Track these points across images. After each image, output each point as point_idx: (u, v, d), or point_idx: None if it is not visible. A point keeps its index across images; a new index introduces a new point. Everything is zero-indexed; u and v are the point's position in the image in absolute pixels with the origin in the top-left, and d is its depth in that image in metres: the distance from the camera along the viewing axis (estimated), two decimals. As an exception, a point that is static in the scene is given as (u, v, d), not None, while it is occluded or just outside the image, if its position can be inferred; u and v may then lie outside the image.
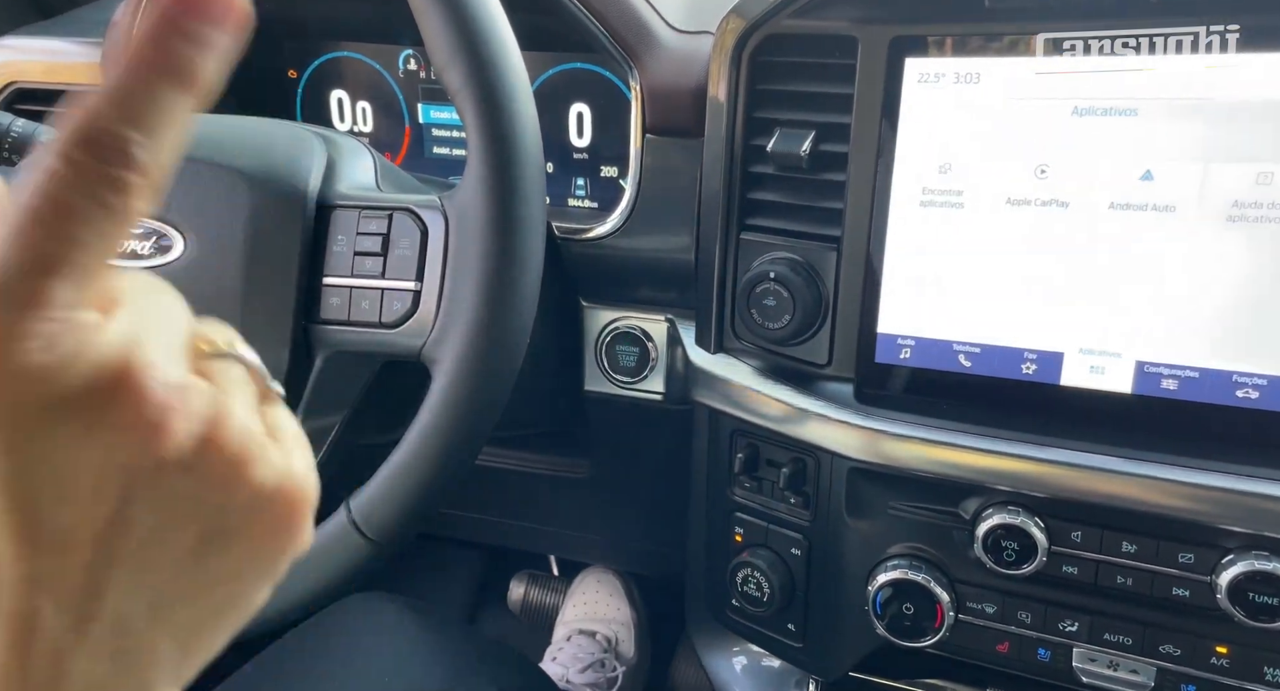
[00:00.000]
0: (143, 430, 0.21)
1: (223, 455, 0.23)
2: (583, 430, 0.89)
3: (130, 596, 0.22)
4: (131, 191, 0.21)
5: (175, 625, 0.23)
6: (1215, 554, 0.57)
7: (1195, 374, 0.57)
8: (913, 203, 0.62)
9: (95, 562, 0.21)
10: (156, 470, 0.21)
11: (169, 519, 0.22)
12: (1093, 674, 0.63)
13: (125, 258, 0.58)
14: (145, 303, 0.23)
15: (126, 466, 0.21)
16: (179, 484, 0.22)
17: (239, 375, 0.25)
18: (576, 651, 1.19)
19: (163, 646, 0.23)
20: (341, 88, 0.95)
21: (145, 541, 0.22)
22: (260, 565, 0.25)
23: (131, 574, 0.21)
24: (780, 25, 0.64)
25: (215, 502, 0.23)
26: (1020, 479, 0.61)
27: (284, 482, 0.24)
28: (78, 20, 1.03)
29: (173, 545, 0.22)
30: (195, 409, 0.22)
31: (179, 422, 0.21)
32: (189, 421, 0.22)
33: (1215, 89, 0.54)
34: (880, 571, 0.66)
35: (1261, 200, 0.54)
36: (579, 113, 0.86)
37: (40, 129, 0.74)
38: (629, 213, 0.76)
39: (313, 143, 0.61)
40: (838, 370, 0.67)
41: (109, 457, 0.21)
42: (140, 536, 0.22)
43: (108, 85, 0.21)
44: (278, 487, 0.24)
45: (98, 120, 0.21)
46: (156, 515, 0.22)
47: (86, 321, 0.20)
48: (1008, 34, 0.58)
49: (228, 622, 0.25)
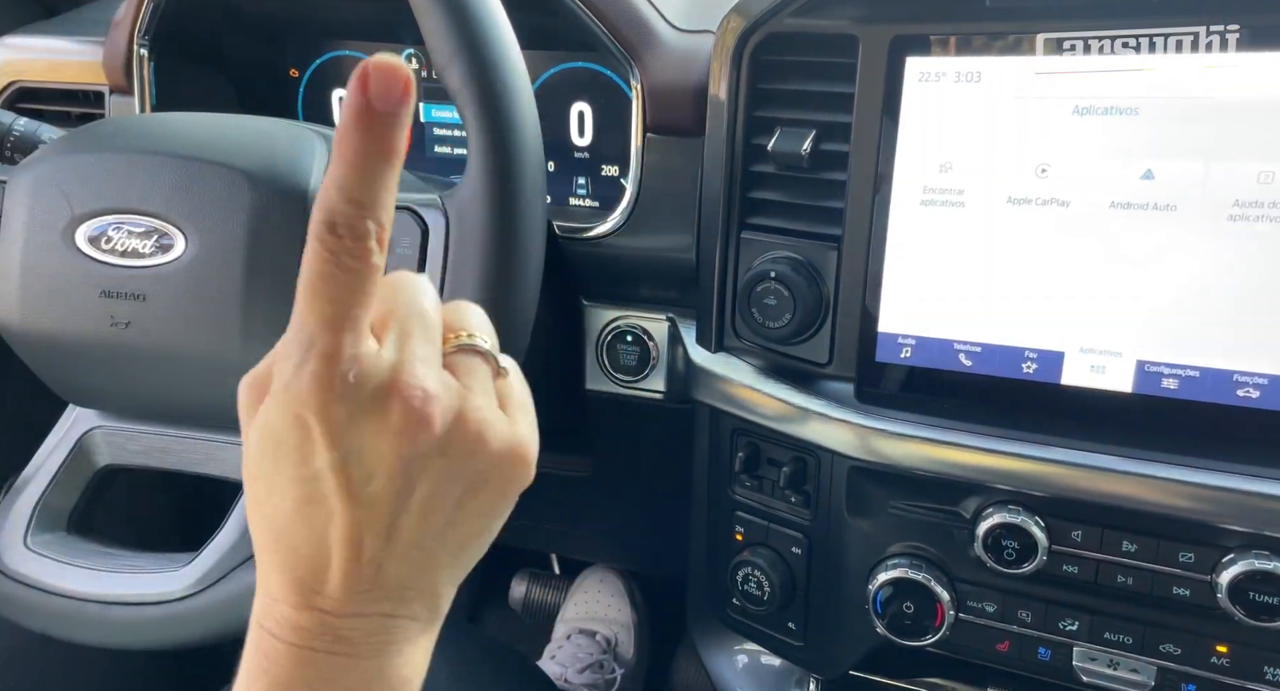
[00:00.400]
0: (410, 428, 0.31)
1: (467, 435, 0.33)
2: (584, 428, 0.89)
3: (418, 530, 0.33)
4: (370, 253, 0.30)
5: (449, 543, 0.35)
6: (1215, 553, 0.57)
7: (1196, 373, 0.57)
8: (913, 202, 0.62)
9: (393, 512, 0.32)
10: (423, 454, 0.32)
11: (436, 484, 0.33)
12: (1093, 673, 0.63)
13: (127, 255, 0.59)
14: (407, 315, 0.33)
15: (403, 454, 0.31)
16: (439, 461, 0.32)
17: (477, 363, 0.35)
18: (576, 651, 1.19)
19: (442, 557, 0.35)
20: (343, 86, 0.95)
21: (423, 498, 0.33)
22: (501, 503, 0.36)
23: (416, 518, 0.33)
24: (781, 24, 0.64)
25: (466, 468, 0.33)
26: (1021, 478, 0.61)
27: (512, 445, 0.34)
28: (80, 19, 1.04)
29: (441, 498, 0.33)
30: (446, 405, 0.32)
31: (434, 418, 0.31)
32: (441, 415, 0.32)
33: (1216, 88, 0.54)
34: (881, 570, 0.66)
35: (1262, 199, 0.54)
36: (580, 112, 0.86)
37: (43, 128, 0.74)
38: (630, 212, 0.76)
39: (313, 141, 0.61)
40: (838, 369, 0.67)
41: (392, 448, 0.31)
42: (419, 497, 0.33)
43: (333, 174, 0.29)
44: (509, 449, 0.34)
45: (333, 209, 0.29)
46: (427, 484, 0.33)
47: (368, 353, 0.30)
48: (1008, 33, 0.58)
49: (483, 541, 0.37)
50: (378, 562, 0.33)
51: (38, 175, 0.61)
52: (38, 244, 0.60)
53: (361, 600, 0.33)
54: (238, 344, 0.58)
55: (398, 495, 0.32)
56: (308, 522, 0.32)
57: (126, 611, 0.60)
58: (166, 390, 0.62)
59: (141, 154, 0.59)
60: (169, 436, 0.66)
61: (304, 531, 0.32)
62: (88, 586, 0.61)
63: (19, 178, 0.61)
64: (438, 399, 0.32)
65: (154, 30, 0.84)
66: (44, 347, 0.62)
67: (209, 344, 0.58)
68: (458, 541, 0.35)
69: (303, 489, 0.31)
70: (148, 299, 0.58)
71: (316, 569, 0.32)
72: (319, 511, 0.32)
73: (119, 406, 0.67)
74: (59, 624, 0.61)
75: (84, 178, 0.59)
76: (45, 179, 0.60)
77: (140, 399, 0.64)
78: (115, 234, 0.59)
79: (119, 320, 0.59)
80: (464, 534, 0.35)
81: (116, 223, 0.59)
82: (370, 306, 0.31)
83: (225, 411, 0.62)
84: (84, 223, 0.59)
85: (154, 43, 0.85)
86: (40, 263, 0.60)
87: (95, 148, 0.61)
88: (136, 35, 0.84)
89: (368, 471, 0.31)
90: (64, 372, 0.64)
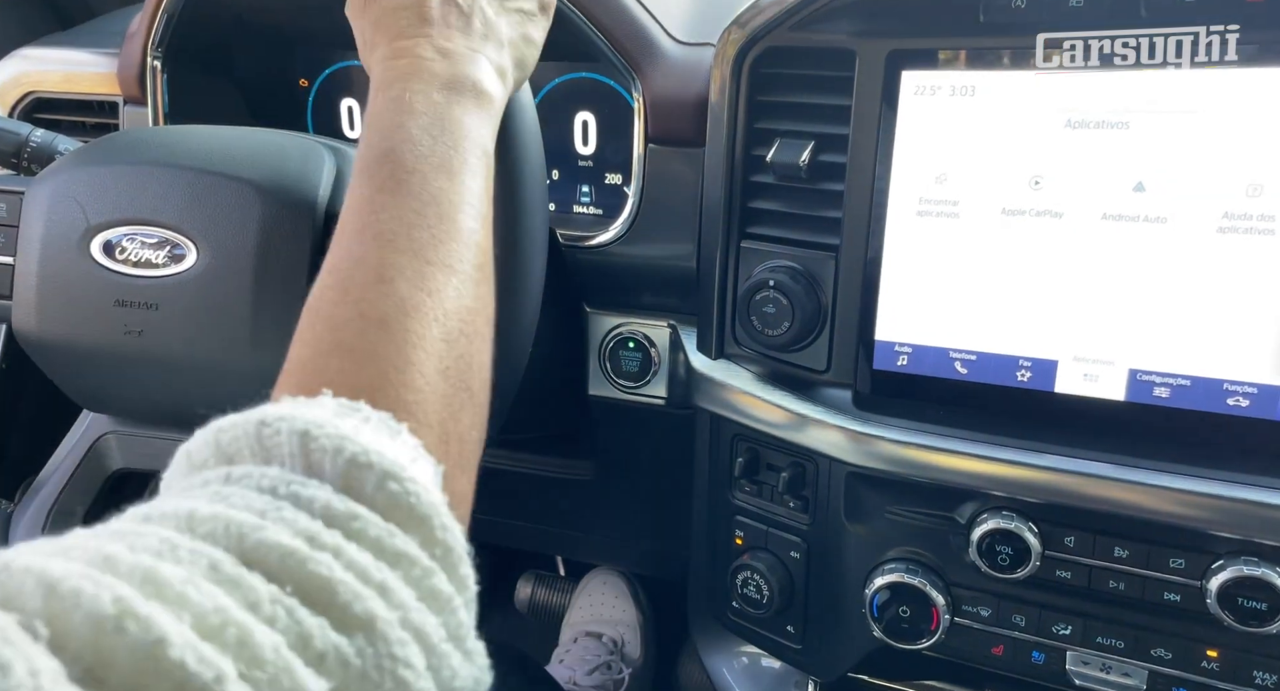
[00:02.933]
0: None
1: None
2: (586, 433, 0.90)
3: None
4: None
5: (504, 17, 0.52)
6: (1205, 559, 0.58)
7: (1187, 382, 0.58)
8: (910, 212, 0.63)
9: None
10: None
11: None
12: (1086, 676, 0.64)
13: (140, 265, 0.60)
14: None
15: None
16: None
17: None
18: (583, 653, 1.20)
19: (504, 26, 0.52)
20: (352, 96, 0.97)
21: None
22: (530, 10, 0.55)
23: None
24: (780, 38, 0.66)
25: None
26: (1015, 484, 0.62)
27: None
28: (94, 31, 1.05)
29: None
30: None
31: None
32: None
33: (1205, 102, 0.55)
34: (877, 574, 0.67)
35: (1251, 211, 0.55)
36: (584, 121, 0.87)
37: (59, 138, 0.76)
38: (632, 220, 0.78)
39: (322, 154, 0.62)
40: (836, 376, 0.68)
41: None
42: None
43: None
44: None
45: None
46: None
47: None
48: (1003, 47, 0.59)
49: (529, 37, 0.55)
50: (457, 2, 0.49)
51: (55, 186, 0.62)
52: (54, 253, 0.62)
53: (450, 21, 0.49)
54: (247, 352, 0.59)
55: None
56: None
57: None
58: (178, 396, 0.63)
59: (155, 166, 0.61)
60: (180, 442, 0.67)
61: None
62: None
63: (37, 189, 0.63)
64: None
65: (167, 42, 0.86)
66: (60, 354, 0.64)
67: (219, 352, 0.60)
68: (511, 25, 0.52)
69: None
70: (160, 308, 0.60)
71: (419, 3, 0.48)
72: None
73: (132, 412, 0.68)
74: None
75: (99, 189, 0.61)
76: (62, 190, 0.62)
77: (152, 405, 0.66)
78: (129, 244, 0.60)
79: (132, 328, 0.60)
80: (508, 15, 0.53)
81: (130, 233, 0.60)
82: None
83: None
84: (99, 233, 0.61)
85: (167, 54, 0.87)
86: (57, 272, 0.62)
87: (110, 160, 0.62)
88: (150, 47, 0.86)
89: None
90: (79, 379, 0.65)
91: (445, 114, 0.45)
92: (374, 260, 0.39)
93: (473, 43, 0.49)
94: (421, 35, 0.48)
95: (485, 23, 0.51)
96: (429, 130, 0.43)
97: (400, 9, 0.49)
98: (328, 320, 0.37)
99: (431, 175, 0.42)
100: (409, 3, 0.49)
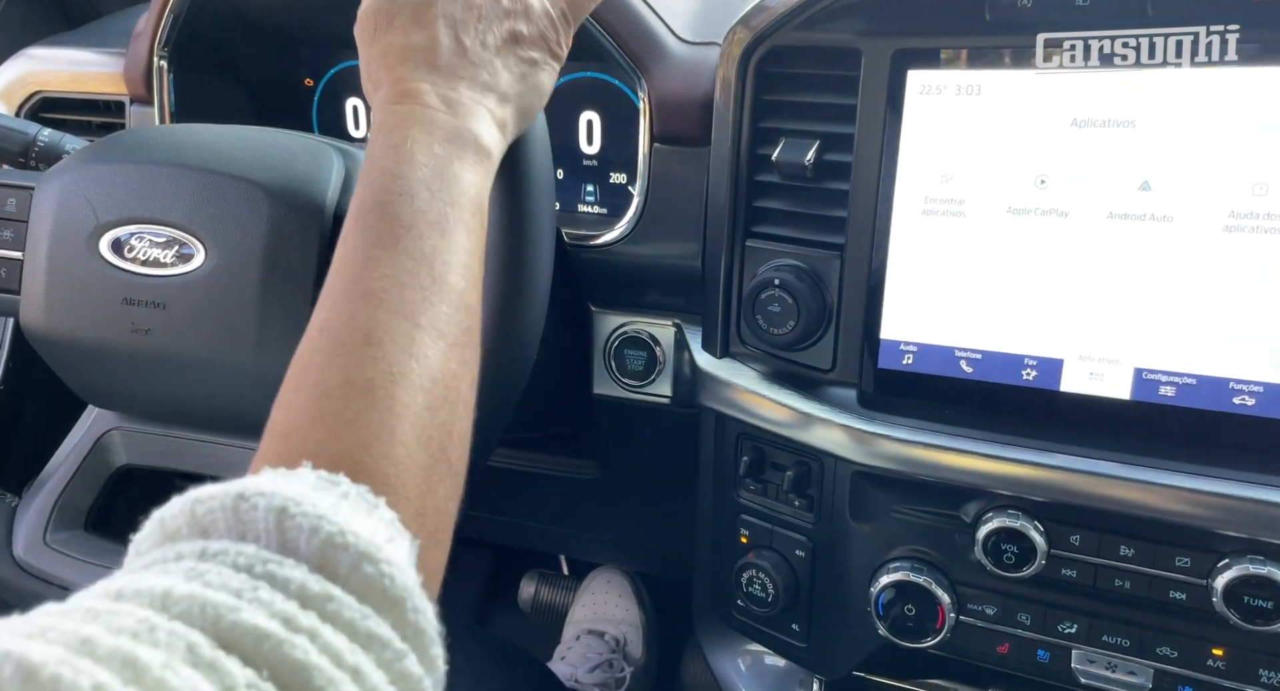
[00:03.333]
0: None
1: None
2: (591, 432, 0.90)
3: (487, 42, 0.50)
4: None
5: (510, 68, 0.51)
6: (1211, 558, 0.58)
7: (1193, 380, 0.58)
8: (915, 211, 0.63)
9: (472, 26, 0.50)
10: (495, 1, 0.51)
11: (497, 17, 0.51)
12: (1091, 675, 0.64)
13: (148, 264, 0.60)
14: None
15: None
16: (504, 4, 0.51)
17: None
18: (585, 651, 1.20)
19: (507, 78, 0.51)
20: (357, 96, 0.97)
21: (489, 24, 0.50)
22: (540, 60, 0.53)
23: (482, 30, 0.50)
24: (786, 37, 0.66)
25: (516, 15, 0.52)
26: (1020, 483, 0.62)
27: (551, 20, 0.53)
28: (101, 31, 1.06)
29: (498, 28, 0.51)
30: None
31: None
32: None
33: (1211, 101, 0.55)
34: (883, 573, 0.67)
35: (1257, 210, 0.55)
36: (589, 120, 0.87)
37: (66, 138, 0.76)
38: (637, 219, 0.78)
39: (330, 156, 0.62)
40: (841, 375, 0.68)
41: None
42: (487, 22, 0.50)
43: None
44: (548, 22, 0.53)
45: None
46: (493, 14, 0.51)
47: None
48: (1008, 46, 0.59)
49: (536, 86, 0.53)
50: (463, 45, 0.49)
51: (64, 183, 0.62)
52: (63, 250, 0.62)
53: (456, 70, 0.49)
54: (253, 352, 0.59)
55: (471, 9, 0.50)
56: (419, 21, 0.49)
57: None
58: (183, 395, 0.64)
59: (164, 166, 0.61)
60: (184, 439, 0.68)
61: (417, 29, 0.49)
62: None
63: (46, 185, 0.63)
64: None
65: (173, 42, 0.86)
66: (67, 351, 0.64)
67: (225, 352, 0.60)
68: (510, 70, 0.51)
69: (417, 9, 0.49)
70: (168, 307, 0.60)
71: (429, 48, 0.48)
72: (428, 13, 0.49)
73: (137, 409, 0.68)
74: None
75: (108, 187, 0.61)
76: (71, 187, 0.62)
77: (158, 402, 0.66)
78: (138, 243, 0.60)
79: (140, 326, 0.61)
80: (512, 68, 0.51)
81: (139, 232, 0.60)
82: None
83: (239, 416, 0.64)
84: (108, 231, 0.61)
85: (173, 54, 0.87)
86: (65, 268, 0.62)
87: (120, 158, 0.62)
88: (156, 47, 0.86)
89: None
90: (85, 375, 0.66)
91: (445, 168, 0.45)
92: (364, 321, 0.39)
93: (477, 94, 0.49)
94: (427, 81, 0.47)
95: (493, 73, 0.50)
96: (428, 184, 0.43)
97: (410, 50, 0.48)
98: (314, 386, 0.37)
99: (427, 232, 0.42)
100: (420, 45, 0.48)
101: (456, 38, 0.49)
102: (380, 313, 0.39)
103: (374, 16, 0.50)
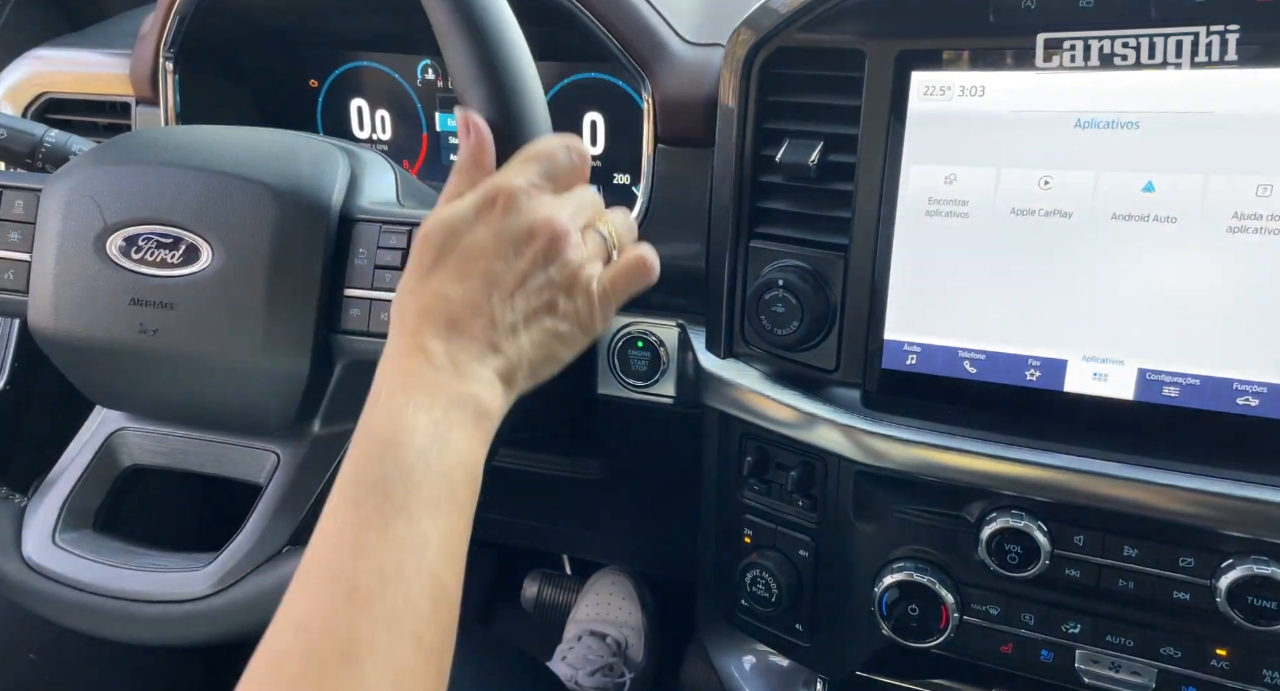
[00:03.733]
0: (550, 249, 0.49)
1: (569, 271, 0.50)
2: (595, 432, 0.90)
3: (517, 308, 0.49)
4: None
5: (532, 336, 0.50)
6: (1215, 558, 0.58)
7: (1196, 381, 0.58)
8: (919, 212, 0.63)
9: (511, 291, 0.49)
10: (544, 269, 0.50)
11: (539, 287, 0.50)
12: (1095, 675, 0.64)
13: (156, 265, 0.61)
14: (579, 195, 0.53)
15: (535, 258, 0.49)
16: (551, 274, 0.50)
17: (598, 241, 0.53)
18: (586, 653, 1.20)
19: (526, 345, 0.50)
20: (361, 96, 0.97)
21: (527, 293, 0.49)
22: (569, 334, 0.52)
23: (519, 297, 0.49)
24: (790, 38, 0.66)
25: (558, 287, 0.50)
26: (1024, 483, 0.62)
27: (591, 298, 0.52)
28: (106, 32, 1.06)
29: (535, 298, 0.50)
30: (574, 246, 0.50)
31: (569, 254, 0.50)
32: (573, 253, 0.50)
33: (1215, 103, 0.55)
34: (886, 573, 0.68)
35: (1261, 212, 0.55)
36: (593, 121, 0.88)
37: (73, 139, 0.76)
38: (641, 220, 0.78)
39: (336, 157, 0.63)
40: (845, 376, 0.68)
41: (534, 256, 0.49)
42: (527, 290, 0.49)
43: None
44: (587, 299, 0.51)
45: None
46: (536, 283, 0.49)
47: (546, 201, 0.51)
48: (1012, 48, 0.60)
49: (554, 356, 0.52)
50: (493, 313, 0.48)
51: (71, 184, 0.63)
52: (71, 252, 0.62)
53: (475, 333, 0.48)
54: (260, 352, 0.59)
55: (516, 284, 0.49)
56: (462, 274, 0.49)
57: (150, 608, 0.62)
58: (191, 395, 0.64)
59: (171, 167, 0.61)
60: (192, 439, 0.68)
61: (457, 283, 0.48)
62: (112, 583, 0.63)
63: (53, 186, 0.63)
64: (570, 237, 0.50)
65: (179, 43, 0.87)
66: (75, 351, 0.64)
67: (233, 352, 0.60)
68: (536, 341, 0.50)
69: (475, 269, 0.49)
70: (175, 307, 0.60)
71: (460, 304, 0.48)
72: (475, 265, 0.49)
73: (145, 409, 0.69)
74: (84, 619, 0.63)
75: (116, 188, 0.61)
76: (79, 188, 0.62)
77: (166, 402, 0.66)
78: (145, 244, 0.61)
79: (147, 327, 0.61)
80: (542, 339, 0.50)
81: (146, 233, 0.61)
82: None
83: (247, 416, 0.65)
84: (115, 232, 0.61)
85: (179, 55, 0.87)
86: (73, 270, 0.62)
87: (127, 159, 0.63)
88: (162, 48, 0.87)
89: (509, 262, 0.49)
90: (93, 376, 0.66)
91: (445, 435, 0.45)
92: (344, 631, 0.38)
93: (486, 357, 0.48)
94: (441, 340, 0.47)
95: (512, 341, 0.49)
96: (424, 454, 0.43)
97: (441, 300, 0.48)
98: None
99: (418, 513, 0.42)
100: (452, 298, 0.48)
101: (489, 302, 0.48)
102: (362, 620, 0.38)
103: (429, 250, 0.49)
